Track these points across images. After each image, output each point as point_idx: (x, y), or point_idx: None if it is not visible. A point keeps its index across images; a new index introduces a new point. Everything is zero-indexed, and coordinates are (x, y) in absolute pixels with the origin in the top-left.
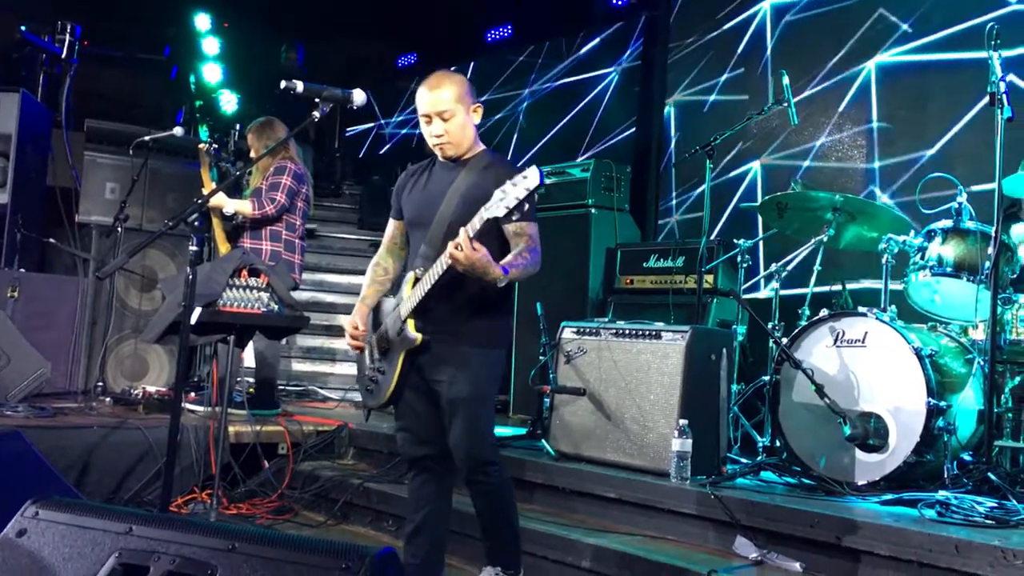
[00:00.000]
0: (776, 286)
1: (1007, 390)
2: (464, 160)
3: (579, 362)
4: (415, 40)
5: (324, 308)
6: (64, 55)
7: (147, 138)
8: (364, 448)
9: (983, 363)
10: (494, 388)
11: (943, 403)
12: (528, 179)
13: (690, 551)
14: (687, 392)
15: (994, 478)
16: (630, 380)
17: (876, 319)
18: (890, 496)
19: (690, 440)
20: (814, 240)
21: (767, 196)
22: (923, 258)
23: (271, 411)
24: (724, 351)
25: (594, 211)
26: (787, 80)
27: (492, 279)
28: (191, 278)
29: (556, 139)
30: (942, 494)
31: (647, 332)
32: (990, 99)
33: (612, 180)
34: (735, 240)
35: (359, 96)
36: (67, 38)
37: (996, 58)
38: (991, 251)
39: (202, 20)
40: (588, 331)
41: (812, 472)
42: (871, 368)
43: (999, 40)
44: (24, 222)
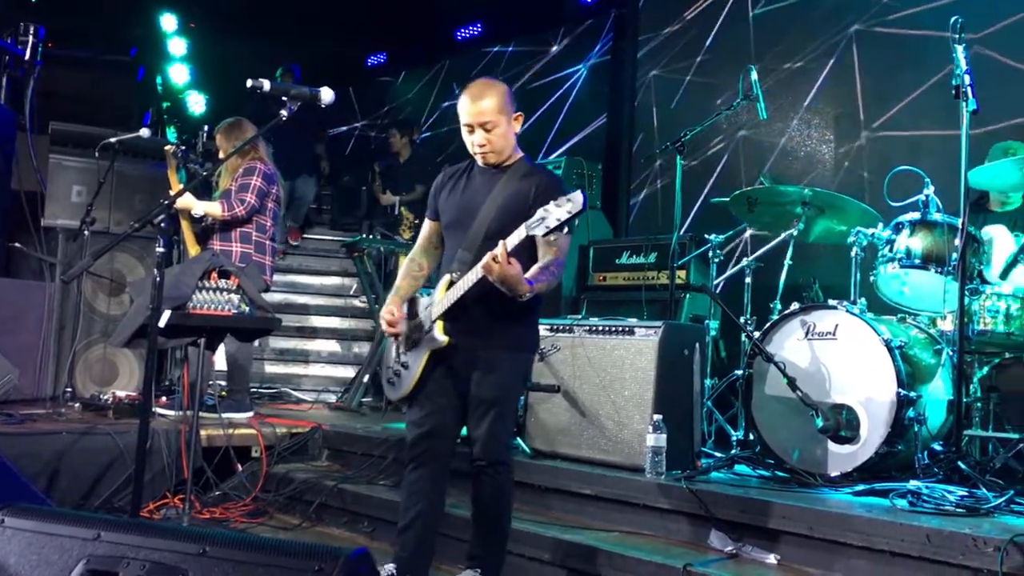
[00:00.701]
0: (748, 281)
1: (975, 380)
2: (504, 167)
3: (553, 359)
4: (385, 39)
5: (296, 309)
6: (27, 57)
7: (113, 140)
8: (338, 449)
9: (952, 353)
10: (520, 390)
11: (913, 394)
12: (572, 203)
13: (666, 545)
14: (661, 387)
15: (964, 467)
16: (604, 377)
17: (846, 311)
18: (862, 487)
19: (664, 435)
20: (784, 234)
21: (737, 191)
22: (891, 250)
23: (244, 414)
24: (697, 346)
25: None
26: (755, 75)
27: (519, 294)
28: (158, 281)
29: (525, 135)
30: (913, 484)
31: (620, 328)
32: (955, 92)
33: (584, 177)
34: (707, 235)
35: (327, 94)
36: (30, 39)
37: (960, 51)
38: (958, 243)
39: (168, 21)
40: (561, 328)
41: (785, 464)
42: (842, 360)
43: (963, 33)
44: None
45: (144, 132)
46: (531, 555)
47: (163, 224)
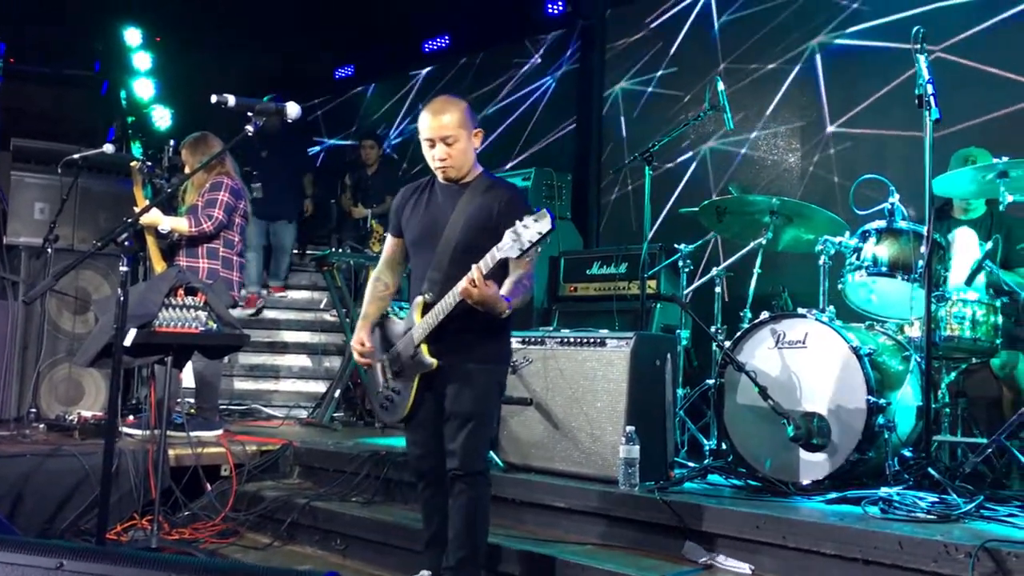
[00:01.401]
0: (719, 290)
1: (943, 386)
2: (465, 183)
3: (525, 372)
4: (352, 51)
5: (266, 325)
6: None
7: (76, 156)
8: (309, 466)
9: (920, 360)
10: (497, 403)
11: (883, 400)
12: (540, 223)
13: (640, 557)
14: (633, 398)
15: (934, 473)
16: (576, 388)
17: (815, 320)
18: (835, 495)
19: (637, 446)
20: (753, 243)
21: (706, 201)
22: (859, 258)
23: (213, 432)
24: (668, 356)
25: None
26: (722, 86)
27: (499, 312)
28: (122, 299)
29: (495, 146)
30: (884, 491)
31: (592, 340)
32: (918, 101)
33: (553, 188)
34: (676, 245)
35: (293, 109)
36: None
37: (923, 60)
38: (924, 250)
39: (132, 34)
40: (533, 340)
41: (758, 473)
42: (812, 368)
43: (925, 43)
44: None
45: (108, 148)
46: (504, 570)
47: (127, 243)
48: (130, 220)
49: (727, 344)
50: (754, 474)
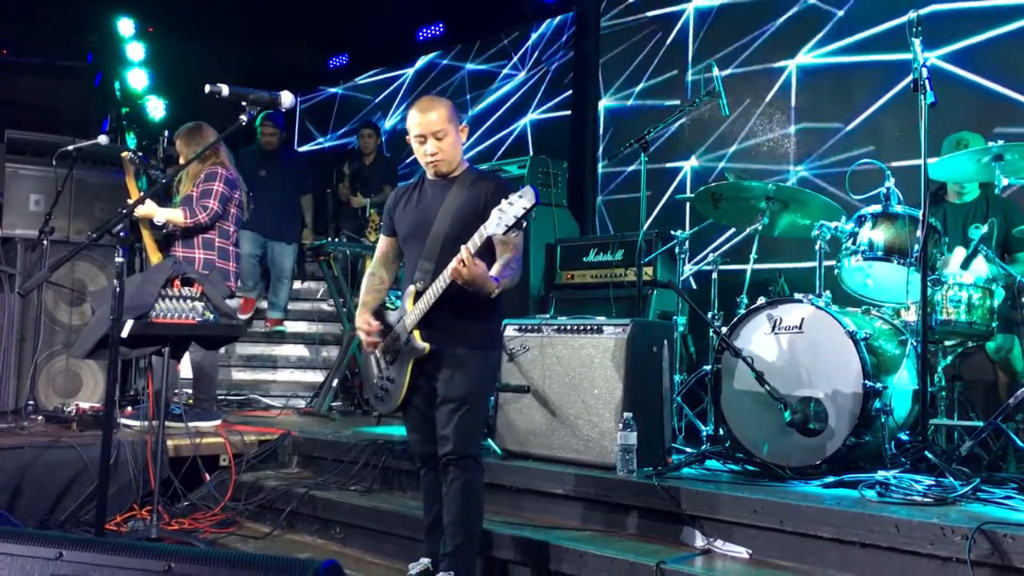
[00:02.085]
0: (714, 276)
1: (939, 369)
2: (453, 177)
3: (522, 360)
4: (345, 42)
5: (264, 315)
6: None
7: (71, 147)
8: (308, 456)
9: (916, 344)
10: (490, 388)
11: (879, 385)
12: (524, 199)
13: (639, 543)
14: (630, 385)
15: (931, 456)
16: (573, 376)
17: (812, 305)
18: (832, 479)
19: (635, 433)
20: (749, 228)
21: (701, 187)
22: (855, 243)
23: (211, 422)
24: (665, 342)
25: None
26: (717, 71)
27: (488, 291)
28: (119, 291)
29: (489, 132)
30: (881, 475)
31: (588, 327)
32: (913, 85)
33: (549, 176)
34: (672, 231)
35: (287, 98)
36: None
37: (918, 44)
38: (919, 234)
39: (125, 25)
40: (530, 328)
41: (755, 458)
42: (809, 353)
43: (920, 27)
44: None
45: (102, 139)
46: (502, 556)
47: (122, 234)
48: (124, 211)
49: (724, 330)
50: (751, 459)
